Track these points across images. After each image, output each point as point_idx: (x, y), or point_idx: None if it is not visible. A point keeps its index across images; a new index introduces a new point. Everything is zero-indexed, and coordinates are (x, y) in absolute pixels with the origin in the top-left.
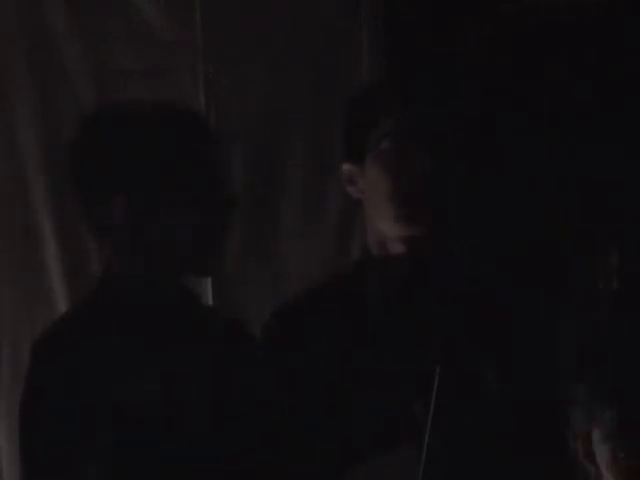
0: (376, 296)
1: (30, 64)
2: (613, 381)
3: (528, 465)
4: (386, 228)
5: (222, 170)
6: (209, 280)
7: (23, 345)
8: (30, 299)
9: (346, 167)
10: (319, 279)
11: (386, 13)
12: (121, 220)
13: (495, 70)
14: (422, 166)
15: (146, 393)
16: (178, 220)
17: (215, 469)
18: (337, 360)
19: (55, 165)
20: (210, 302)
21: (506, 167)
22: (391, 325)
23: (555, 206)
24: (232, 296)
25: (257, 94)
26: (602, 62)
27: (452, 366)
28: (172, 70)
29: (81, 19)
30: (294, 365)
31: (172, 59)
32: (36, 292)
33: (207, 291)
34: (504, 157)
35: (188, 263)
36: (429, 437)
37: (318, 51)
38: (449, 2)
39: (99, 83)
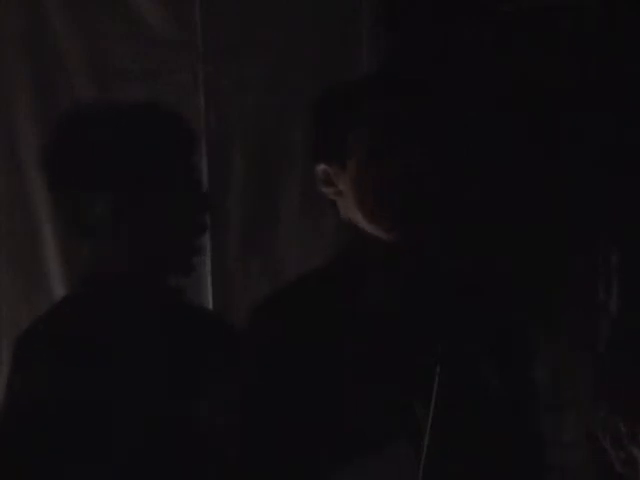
0: (373, 295)
1: (30, 64)
2: None
3: (528, 465)
4: (372, 228)
5: (200, 170)
6: (209, 280)
7: None
8: (30, 299)
9: (322, 167)
10: (307, 277)
11: (386, 13)
12: (104, 220)
13: (494, 69)
14: (412, 164)
15: (128, 391)
16: (160, 220)
17: (204, 469)
18: (336, 360)
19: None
20: (210, 302)
21: (506, 167)
22: (389, 325)
23: (555, 205)
24: (232, 296)
25: (257, 94)
26: (602, 61)
27: (452, 366)
28: (172, 70)
29: (81, 19)
30: (290, 366)
31: (172, 59)
32: (36, 293)
33: (207, 291)
34: (504, 157)
35: (170, 262)
36: (429, 437)
37: (318, 51)
38: (449, 2)
39: (99, 83)
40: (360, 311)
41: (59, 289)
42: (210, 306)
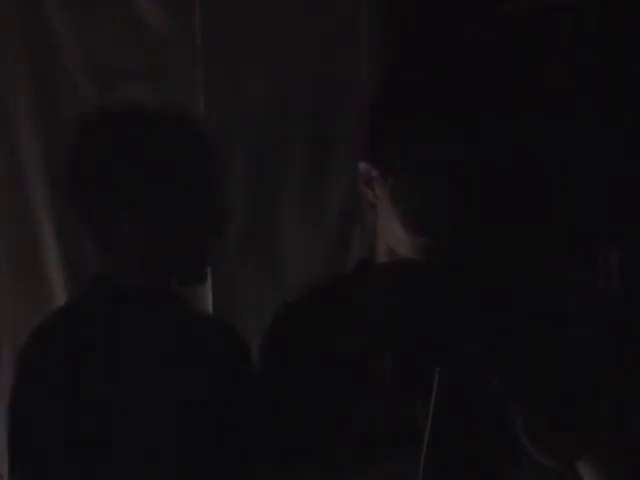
0: (378, 298)
1: (30, 64)
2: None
3: (528, 465)
4: (400, 236)
5: (218, 183)
6: (209, 280)
7: None
8: (30, 300)
9: (364, 166)
10: (318, 280)
11: (386, 13)
12: (122, 236)
13: (496, 70)
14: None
15: (130, 396)
16: (176, 233)
17: (211, 471)
18: (336, 362)
19: (55, 165)
20: (210, 303)
21: (506, 167)
22: (392, 326)
23: (555, 205)
24: (232, 297)
25: (257, 94)
26: (602, 61)
27: (453, 366)
28: (172, 70)
29: (81, 19)
30: (293, 369)
31: (172, 59)
32: (36, 293)
33: (207, 292)
34: (505, 157)
35: (182, 273)
36: (429, 437)
37: (318, 51)
38: (449, 2)
39: (99, 83)
40: (361, 313)
41: (59, 289)
42: (210, 306)
